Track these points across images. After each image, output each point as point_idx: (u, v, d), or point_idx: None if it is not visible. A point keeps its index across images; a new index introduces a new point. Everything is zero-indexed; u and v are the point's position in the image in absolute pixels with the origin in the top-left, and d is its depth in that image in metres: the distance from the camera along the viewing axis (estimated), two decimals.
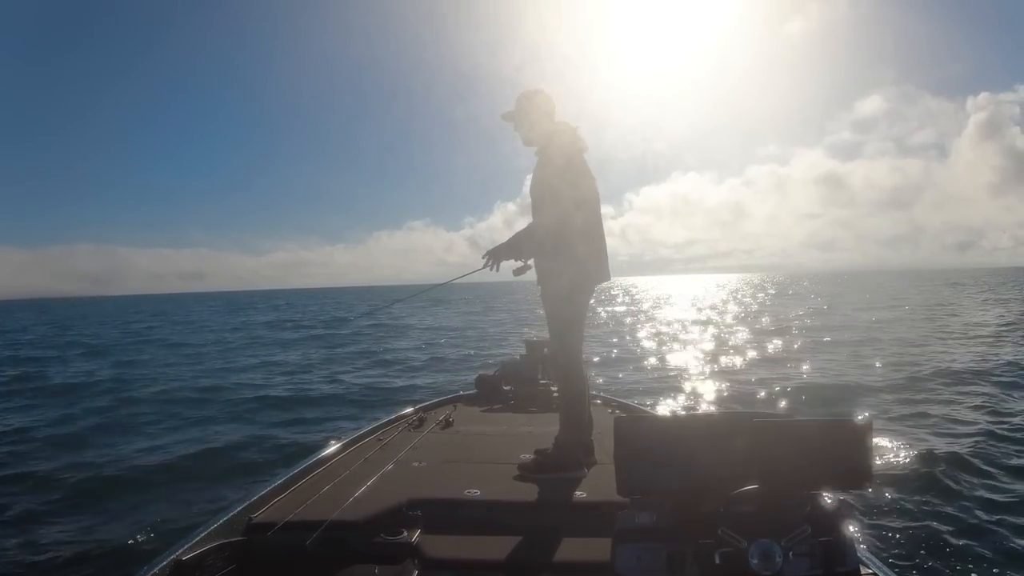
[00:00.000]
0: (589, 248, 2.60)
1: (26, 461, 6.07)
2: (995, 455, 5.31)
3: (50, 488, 5.17)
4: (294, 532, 2.01)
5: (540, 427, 3.39)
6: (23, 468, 5.77)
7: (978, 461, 5.16)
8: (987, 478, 4.80)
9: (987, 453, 5.37)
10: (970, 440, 5.79)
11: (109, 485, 5.26)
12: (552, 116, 2.67)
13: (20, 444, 6.82)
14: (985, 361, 10.64)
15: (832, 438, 1.57)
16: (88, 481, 5.35)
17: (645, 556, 1.49)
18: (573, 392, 2.62)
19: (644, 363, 12.68)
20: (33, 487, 5.22)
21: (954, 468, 5.00)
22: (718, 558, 1.40)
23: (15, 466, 5.87)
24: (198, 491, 4.99)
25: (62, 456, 6.20)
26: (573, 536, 2.01)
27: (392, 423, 3.59)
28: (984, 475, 4.86)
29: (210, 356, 16.41)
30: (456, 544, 1.99)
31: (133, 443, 6.75)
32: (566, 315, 2.62)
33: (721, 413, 1.47)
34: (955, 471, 4.93)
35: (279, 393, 9.90)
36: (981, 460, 5.18)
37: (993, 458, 5.23)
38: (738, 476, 1.50)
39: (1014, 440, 5.79)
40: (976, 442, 5.70)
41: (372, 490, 2.38)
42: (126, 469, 5.71)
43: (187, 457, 6.08)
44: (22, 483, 5.34)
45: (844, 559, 1.45)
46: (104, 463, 5.92)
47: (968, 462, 5.13)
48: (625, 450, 1.60)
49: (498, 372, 4.82)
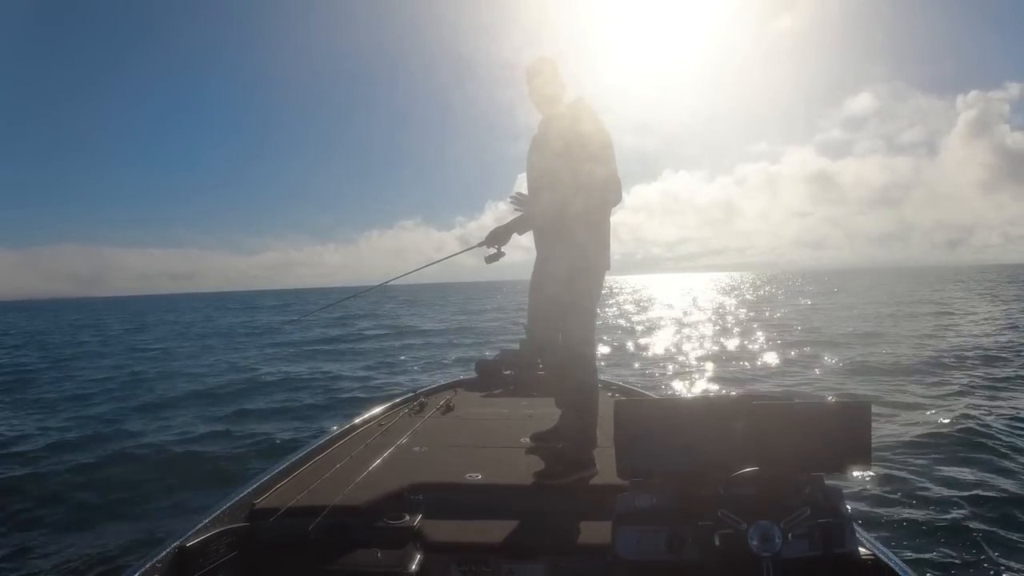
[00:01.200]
0: (588, 233, 2.57)
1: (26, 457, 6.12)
2: (995, 439, 5.34)
3: (48, 482, 5.23)
4: (296, 518, 2.02)
5: (541, 411, 3.40)
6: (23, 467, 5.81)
7: (978, 443, 5.19)
8: (986, 460, 4.83)
9: (985, 436, 5.40)
10: (968, 423, 5.82)
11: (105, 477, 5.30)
12: (557, 88, 2.66)
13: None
14: (986, 349, 10.71)
15: (832, 420, 1.57)
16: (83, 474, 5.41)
17: (645, 538, 1.50)
18: (578, 379, 2.58)
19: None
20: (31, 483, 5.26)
21: (954, 450, 5.04)
22: (718, 540, 1.41)
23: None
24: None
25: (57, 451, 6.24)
26: (574, 519, 2.02)
27: (393, 408, 3.60)
28: (983, 457, 4.89)
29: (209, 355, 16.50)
30: (458, 528, 2.00)
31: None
32: (565, 300, 2.60)
33: (721, 396, 1.47)
34: (955, 453, 4.98)
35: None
36: (981, 443, 5.22)
37: (994, 441, 5.26)
38: (738, 458, 1.50)
39: (1015, 428, 5.82)
40: (974, 426, 5.73)
41: (374, 475, 2.39)
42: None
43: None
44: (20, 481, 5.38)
45: (843, 540, 1.46)
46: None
47: (968, 444, 5.18)
48: (625, 433, 1.60)
49: (498, 357, 4.83)
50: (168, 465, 5.55)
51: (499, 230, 2.72)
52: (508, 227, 2.71)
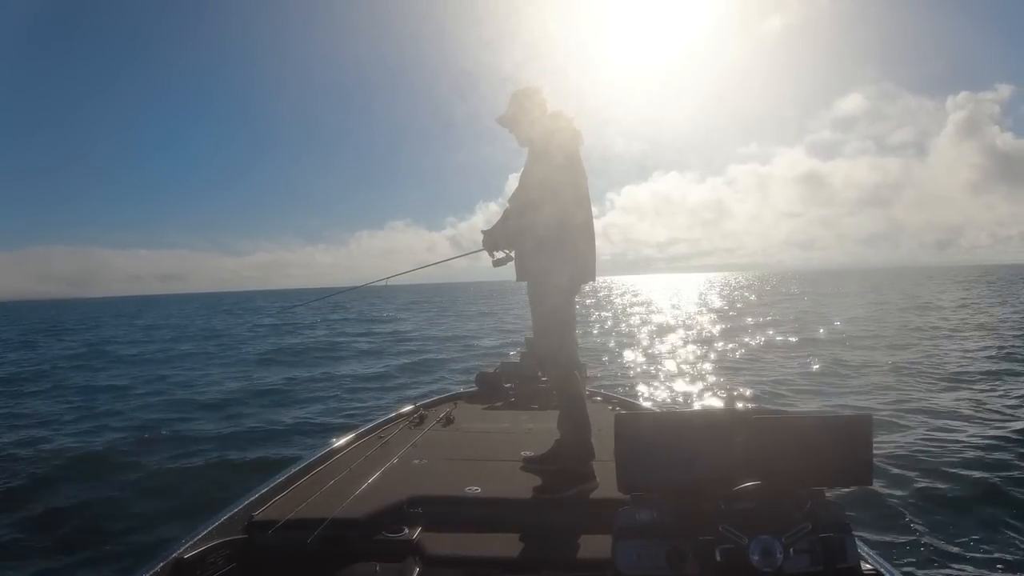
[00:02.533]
0: (587, 246, 2.60)
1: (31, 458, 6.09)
2: (1000, 451, 5.31)
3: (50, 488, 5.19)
4: (295, 530, 2.01)
5: (541, 424, 3.39)
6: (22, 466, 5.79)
7: (980, 457, 5.16)
8: (989, 475, 4.79)
9: (988, 449, 5.37)
10: (971, 436, 5.79)
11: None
12: (547, 112, 2.67)
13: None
14: (983, 361, 10.68)
15: (833, 434, 1.56)
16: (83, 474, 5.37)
17: (645, 553, 1.49)
18: (572, 392, 2.60)
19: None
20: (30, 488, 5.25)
21: (956, 464, 5.00)
22: (719, 555, 1.40)
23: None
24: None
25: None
26: (574, 533, 2.01)
27: (393, 420, 3.59)
28: (986, 472, 4.86)
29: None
30: (457, 541, 1.99)
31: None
32: (565, 313, 2.61)
33: (722, 410, 1.47)
34: (957, 467, 4.94)
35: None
36: (983, 456, 5.18)
37: (998, 455, 5.23)
38: (739, 472, 1.50)
39: (1018, 441, 5.79)
40: (976, 438, 5.70)
41: (373, 487, 2.38)
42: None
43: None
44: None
45: (845, 555, 1.45)
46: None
47: (970, 458, 5.14)
48: (626, 447, 1.60)
49: (499, 369, 4.82)
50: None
51: (497, 234, 2.67)
52: (506, 234, 2.67)
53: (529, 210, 2.67)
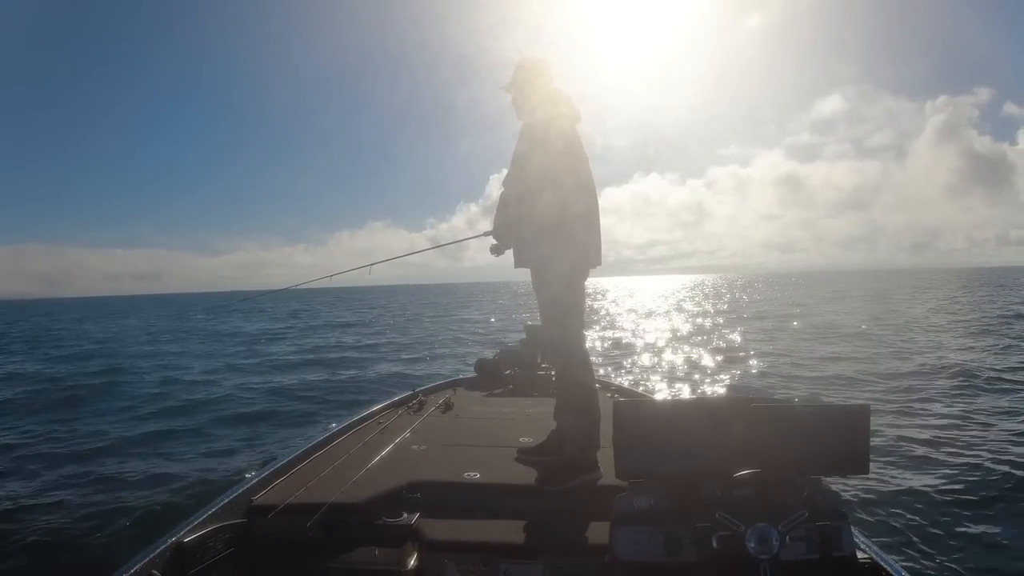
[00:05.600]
0: (589, 233, 2.57)
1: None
2: (994, 440, 5.34)
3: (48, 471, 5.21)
4: (294, 515, 2.02)
5: (541, 411, 3.39)
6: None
7: (976, 447, 5.19)
8: (985, 463, 4.82)
9: (988, 443, 5.40)
10: (972, 433, 5.81)
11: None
12: (552, 84, 2.64)
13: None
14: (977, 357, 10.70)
15: (830, 424, 1.56)
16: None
17: (643, 539, 1.50)
18: (575, 380, 2.57)
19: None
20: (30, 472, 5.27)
21: (952, 454, 5.03)
22: (715, 542, 1.41)
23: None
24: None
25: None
26: (572, 519, 2.02)
27: (392, 406, 3.60)
28: (982, 460, 4.88)
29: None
30: (456, 527, 2.00)
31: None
32: (567, 300, 2.59)
33: (720, 398, 1.47)
34: (953, 457, 4.96)
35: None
36: (979, 447, 5.21)
37: (993, 443, 5.26)
38: (736, 461, 1.50)
39: (1012, 431, 5.81)
40: (974, 430, 5.73)
41: (372, 473, 2.39)
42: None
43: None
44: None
45: (841, 544, 1.46)
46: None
47: (966, 448, 5.16)
48: (624, 434, 1.60)
49: (498, 356, 4.82)
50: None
51: (498, 221, 2.63)
52: (505, 222, 2.62)
53: (529, 198, 2.64)
